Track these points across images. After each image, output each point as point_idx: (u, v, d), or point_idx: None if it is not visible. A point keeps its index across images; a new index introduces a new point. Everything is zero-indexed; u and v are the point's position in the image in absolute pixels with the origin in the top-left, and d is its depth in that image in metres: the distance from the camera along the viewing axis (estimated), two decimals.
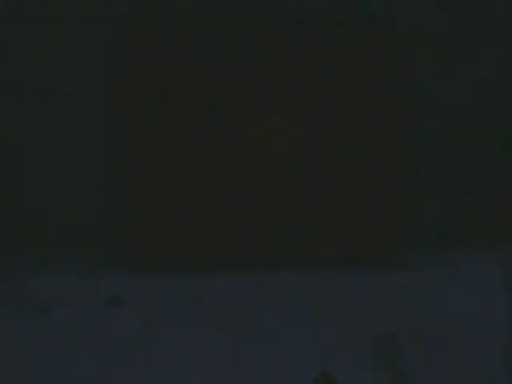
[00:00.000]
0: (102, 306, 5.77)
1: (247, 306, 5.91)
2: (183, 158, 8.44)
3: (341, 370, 4.35)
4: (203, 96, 8.47)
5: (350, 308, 5.95)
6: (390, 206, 8.90)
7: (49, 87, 8.42)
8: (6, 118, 8.37)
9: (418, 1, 9.47)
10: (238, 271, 7.36)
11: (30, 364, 4.60)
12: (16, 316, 5.49)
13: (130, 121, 8.30)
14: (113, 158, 8.32)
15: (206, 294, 6.18)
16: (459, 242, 9.20)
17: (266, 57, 8.63)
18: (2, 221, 8.19)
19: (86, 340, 5.00)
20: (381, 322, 5.56)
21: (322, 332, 5.37)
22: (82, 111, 8.48)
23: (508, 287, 3.75)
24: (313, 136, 8.79)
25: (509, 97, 9.40)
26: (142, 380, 4.51)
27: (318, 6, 9.06)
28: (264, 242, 8.24)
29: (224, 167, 8.52)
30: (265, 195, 8.47)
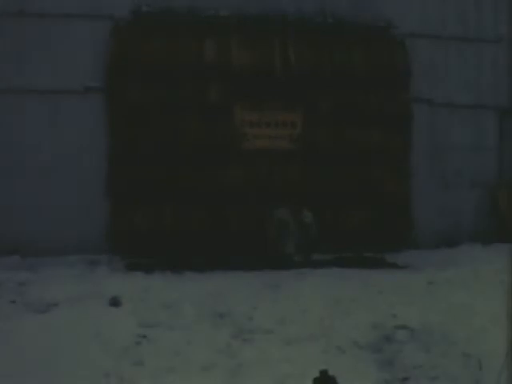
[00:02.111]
0: (102, 306, 5.78)
1: (247, 305, 5.92)
2: (182, 156, 8.45)
3: (341, 368, 4.36)
4: (202, 94, 8.50)
5: (351, 307, 5.96)
6: (390, 205, 8.92)
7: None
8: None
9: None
10: (238, 271, 7.37)
11: (30, 363, 4.61)
12: (16, 316, 5.50)
13: (130, 119, 8.32)
14: (113, 157, 8.34)
15: (206, 294, 6.20)
16: (459, 242, 9.23)
17: (265, 55, 8.66)
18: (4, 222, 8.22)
19: (86, 339, 5.01)
20: (381, 321, 5.57)
21: (322, 330, 5.38)
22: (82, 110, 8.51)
23: (508, 288, 3.77)
24: (312, 135, 8.81)
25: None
26: (143, 379, 4.52)
27: (319, 7, 9.09)
28: (264, 242, 8.25)
29: (223, 166, 8.55)
30: (264, 195, 8.49)
